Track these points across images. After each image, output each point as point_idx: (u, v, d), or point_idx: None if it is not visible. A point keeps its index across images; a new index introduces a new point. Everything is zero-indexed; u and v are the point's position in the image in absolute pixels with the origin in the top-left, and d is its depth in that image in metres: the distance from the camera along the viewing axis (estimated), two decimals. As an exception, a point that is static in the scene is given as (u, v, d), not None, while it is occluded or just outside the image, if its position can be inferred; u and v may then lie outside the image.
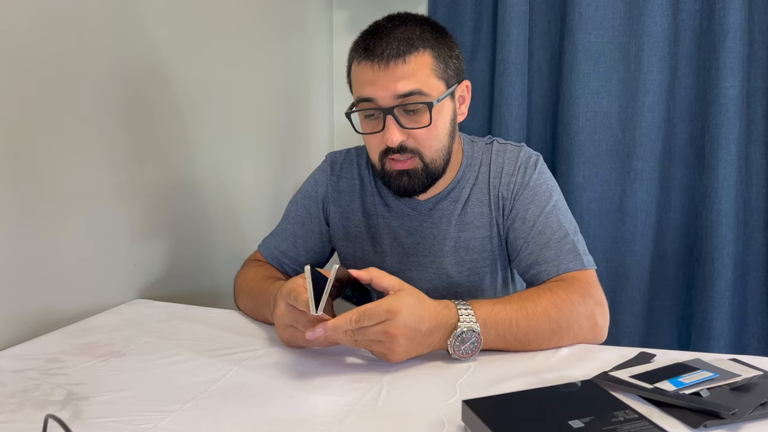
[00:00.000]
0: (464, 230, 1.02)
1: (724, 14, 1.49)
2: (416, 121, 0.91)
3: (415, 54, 0.89)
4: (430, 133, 0.92)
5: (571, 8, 1.59)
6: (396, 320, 0.72)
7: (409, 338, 0.74)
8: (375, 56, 0.89)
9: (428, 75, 0.90)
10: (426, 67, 0.90)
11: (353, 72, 0.95)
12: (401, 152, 0.92)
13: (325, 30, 1.89)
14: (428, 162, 0.94)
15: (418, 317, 0.74)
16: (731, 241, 1.53)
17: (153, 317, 0.98)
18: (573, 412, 0.56)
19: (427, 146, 0.93)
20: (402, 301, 0.74)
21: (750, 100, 1.55)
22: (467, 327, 0.76)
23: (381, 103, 0.90)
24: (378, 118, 0.92)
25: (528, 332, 0.80)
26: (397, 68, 0.88)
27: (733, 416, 0.59)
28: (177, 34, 1.20)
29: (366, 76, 0.90)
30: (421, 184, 0.95)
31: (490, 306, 0.80)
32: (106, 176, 1.04)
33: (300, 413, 0.65)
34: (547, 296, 0.84)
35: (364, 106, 0.92)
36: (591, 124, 1.62)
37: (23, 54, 0.87)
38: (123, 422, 0.63)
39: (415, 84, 0.89)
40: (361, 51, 0.91)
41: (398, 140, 0.90)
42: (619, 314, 1.65)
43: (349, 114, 0.95)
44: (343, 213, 1.08)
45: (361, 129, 0.95)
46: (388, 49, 0.88)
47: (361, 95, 0.92)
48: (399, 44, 0.89)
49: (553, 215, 0.97)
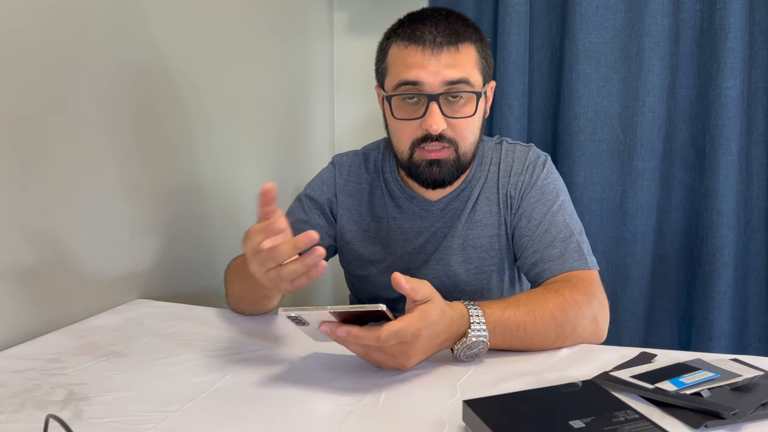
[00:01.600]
0: (473, 228, 1.02)
1: (725, 14, 1.49)
2: (458, 110, 0.92)
3: (465, 44, 0.91)
4: (470, 124, 0.93)
5: (572, 8, 1.59)
6: (416, 343, 0.71)
7: (423, 352, 0.73)
8: (426, 40, 0.89)
9: (473, 67, 0.92)
10: (472, 59, 0.92)
11: (394, 55, 0.93)
12: (439, 140, 0.92)
13: (325, 31, 1.89)
14: (461, 154, 0.94)
15: (435, 335, 0.73)
16: (732, 241, 1.53)
17: (154, 317, 0.98)
18: (574, 413, 0.56)
19: (464, 137, 0.93)
20: (426, 320, 0.70)
21: (751, 100, 1.55)
22: (476, 338, 0.76)
23: (428, 89, 0.90)
24: (419, 103, 0.92)
25: (534, 336, 0.80)
26: (450, 55, 0.89)
27: (734, 416, 0.59)
28: (179, 35, 1.20)
29: (414, 60, 0.90)
30: (451, 175, 0.96)
31: (501, 311, 0.79)
32: (108, 176, 1.04)
33: (301, 413, 0.65)
34: (554, 299, 0.84)
35: (407, 90, 0.91)
36: (592, 124, 1.62)
37: (26, 53, 0.87)
38: (124, 422, 0.63)
39: (464, 72, 0.90)
40: (407, 35, 0.91)
41: (441, 127, 0.90)
42: (619, 314, 1.64)
43: (390, 97, 0.94)
44: (351, 216, 1.07)
45: (397, 114, 0.94)
46: (440, 36, 0.89)
47: (406, 78, 0.90)
48: (450, 32, 0.90)
49: (559, 215, 0.97)
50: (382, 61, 0.97)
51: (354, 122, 1.94)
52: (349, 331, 0.68)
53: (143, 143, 1.12)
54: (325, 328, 0.69)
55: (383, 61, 0.96)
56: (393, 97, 0.93)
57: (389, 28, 0.97)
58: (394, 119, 0.94)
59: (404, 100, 0.93)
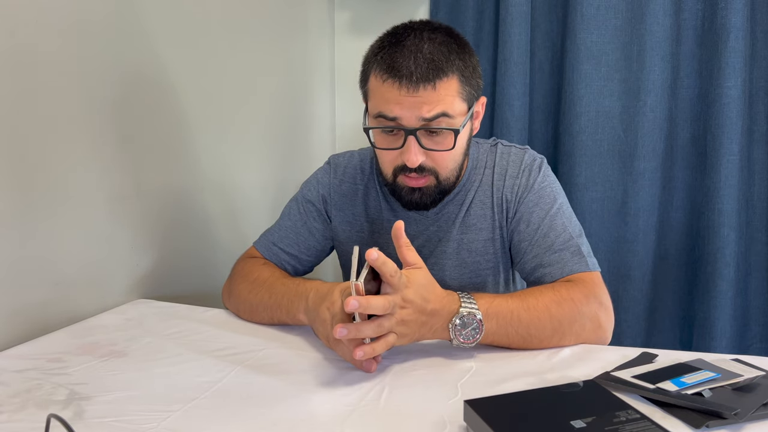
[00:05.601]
0: (467, 232, 1.02)
1: (726, 14, 1.49)
2: (438, 143, 0.90)
3: (444, 79, 0.87)
4: (450, 155, 0.92)
5: (573, 8, 1.59)
6: (405, 292, 0.74)
7: (415, 313, 0.75)
8: (402, 77, 0.86)
9: (454, 99, 0.89)
10: (453, 91, 0.88)
11: (374, 86, 0.91)
12: (418, 171, 0.91)
13: (326, 31, 1.89)
14: (442, 180, 0.94)
15: (423, 297, 0.76)
16: (733, 241, 1.53)
17: (155, 317, 0.98)
18: (575, 413, 0.56)
19: (444, 167, 0.93)
20: (414, 276, 0.76)
21: (752, 100, 1.55)
22: (468, 311, 0.77)
23: (405, 123, 0.88)
24: (398, 135, 0.91)
25: (529, 326, 0.81)
26: (426, 93, 0.86)
27: (735, 416, 0.59)
28: (179, 36, 1.20)
29: (390, 96, 0.88)
30: (432, 200, 0.96)
31: (491, 297, 0.82)
32: (109, 177, 1.04)
33: (302, 413, 0.65)
34: (549, 293, 0.85)
35: (385, 123, 0.90)
36: (593, 124, 1.62)
37: (25, 57, 0.87)
38: (125, 422, 0.63)
39: (442, 107, 0.87)
40: (386, 68, 0.88)
41: (419, 161, 0.89)
42: (621, 314, 1.64)
43: (368, 129, 0.93)
44: (344, 217, 1.07)
45: (378, 143, 0.94)
46: (417, 72, 0.85)
47: (384, 113, 0.89)
48: (428, 67, 0.86)
49: (557, 218, 0.96)
50: (364, 84, 0.95)
51: (354, 122, 1.94)
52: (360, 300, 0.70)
53: (145, 144, 1.12)
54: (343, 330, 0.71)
55: (365, 84, 0.95)
56: (372, 128, 0.93)
57: (372, 47, 0.93)
58: (375, 147, 0.95)
59: (384, 131, 0.92)
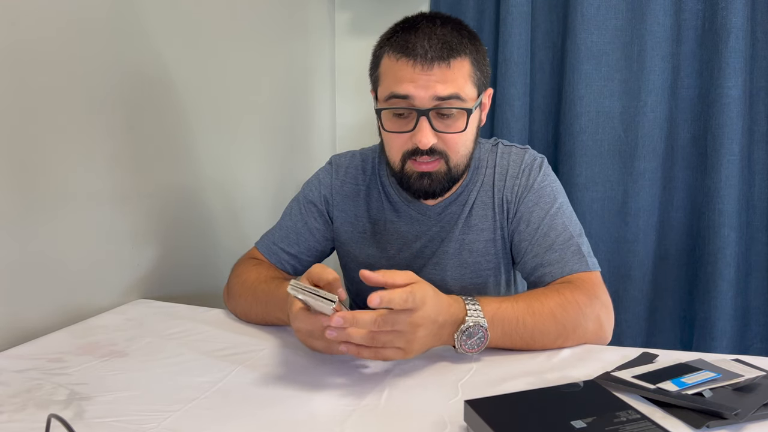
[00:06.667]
0: (468, 233, 1.02)
1: (726, 14, 1.49)
2: (449, 125, 0.90)
3: (457, 59, 0.88)
4: (461, 138, 0.91)
5: (573, 8, 1.59)
6: (423, 311, 0.71)
7: (428, 329, 0.73)
8: (417, 55, 0.87)
9: (466, 81, 0.90)
10: (466, 73, 0.89)
11: (386, 67, 0.92)
12: (429, 154, 0.91)
13: (327, 31, 1.89)
14: (452, 166, 0.93)
15: (437, 309, 0.74)
16: (734, 241, 1.53)
17: (155, 317, 0.98)
18: (575, 413, 0.56)
19: (455, 151, 0.92)
20: (426, 291, 0.73)
21: (752, 100, 1.55)
22: (474, 321, 0.76)
23: (417, 103, 0.88)
24: (409, 117, 0.91)
25: (534, 332, 0.80)
26: (441, 70, 0.87)
27: (735, 416, 0.59)
28: (179, 36, 1.20)
29: (404, 74, 0.88)
30: (442, 187, 0.95)
31: (498, 303, 0.80)
32: (110, 177, 1.04)
33: (302, 413, 0.65)
34: (554, 297, 0.84)
35: (397, 104, 0.90)
36: (593, 124, 1.62)
37: (26, 56, 0.87)
38: (125, 422, 0.63)
39: (455, 88, 0.88)
40: (400, 47, 0.89)
41: (431, 143, 0.89)
42: (621, 314, 1.64)
43: (380, 110, 0.93)
44: (346, 218, 1.07)
45: (387, 127, 0.93)
46: (432, 50, 0.87)
47: (396, 92, 0.89)
48: (442, 47, 0.87)
49: (557, 218, 0.96)
50: (375, 69, 0.96)
51: (355, 122, 1.94)
52: (345, 316, 0.69)
53: (146, 145, 1.12)
54: (330, 333, 0.70)
55: (376, 69, 0.95)
56: (383, 110, 0.93)
57: (384, 34, 0.95)
58: (385, 131, 0.94)
59: (395, 113, 0.92)
